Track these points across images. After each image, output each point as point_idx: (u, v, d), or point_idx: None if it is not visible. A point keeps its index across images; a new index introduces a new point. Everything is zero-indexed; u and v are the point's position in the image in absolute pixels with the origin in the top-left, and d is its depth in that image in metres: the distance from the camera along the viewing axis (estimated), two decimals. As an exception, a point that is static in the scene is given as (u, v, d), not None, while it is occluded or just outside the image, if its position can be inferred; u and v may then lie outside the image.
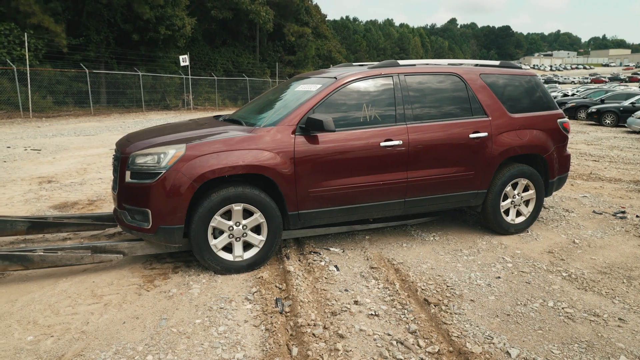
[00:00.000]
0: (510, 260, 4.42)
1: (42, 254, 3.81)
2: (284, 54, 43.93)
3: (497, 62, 5.41)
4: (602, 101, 21.95)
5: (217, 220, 3.87)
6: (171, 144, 3.87)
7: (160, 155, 3.78)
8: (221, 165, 3.77)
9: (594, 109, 20.22)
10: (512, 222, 5.09)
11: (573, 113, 22.61)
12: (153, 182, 3.73)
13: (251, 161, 3.86)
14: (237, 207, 3.89)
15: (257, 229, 4.08)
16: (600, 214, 6.00)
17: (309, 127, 4.02)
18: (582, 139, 14.92)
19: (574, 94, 30.61)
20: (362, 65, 5.05)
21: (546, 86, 5.45)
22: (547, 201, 6.48)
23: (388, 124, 4.39)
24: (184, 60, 27.48)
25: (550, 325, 3.27)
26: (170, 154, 3.76)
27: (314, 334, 3.07)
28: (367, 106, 4.37)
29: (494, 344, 3.02)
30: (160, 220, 3.76)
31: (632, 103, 19.31)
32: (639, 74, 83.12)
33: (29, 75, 20.35)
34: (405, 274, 4.07)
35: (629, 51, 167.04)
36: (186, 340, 3.02)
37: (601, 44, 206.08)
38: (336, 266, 4.21)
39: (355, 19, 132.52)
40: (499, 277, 4.03)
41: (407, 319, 3.31)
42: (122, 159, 3.94)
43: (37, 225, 4.71)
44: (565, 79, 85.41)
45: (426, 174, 4.51)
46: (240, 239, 4.00)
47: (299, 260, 4.36)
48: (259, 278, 3.94)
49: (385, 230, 5.25)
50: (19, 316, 3.29)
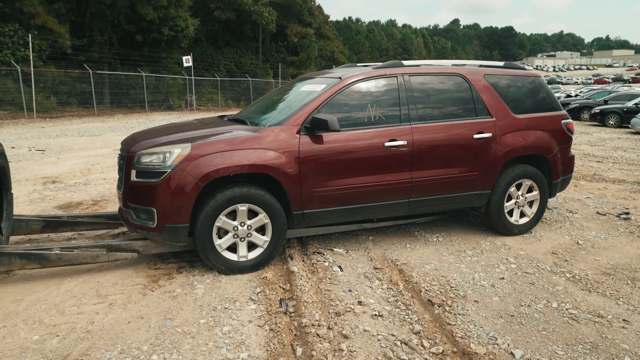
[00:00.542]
0: (514, 261, 4.42)
1: (58, 252, 3.84)
2: (286, 54, 43.98)
3: (501, 63, 5.41)
4: (606, 102, 21.90)
5: (222, 220, 3.88)
6: (176, 143, 3.89)
7: (166, 154, 3.80)
8: (226, 165, 3.79)
9: (597, 109, 20.17)
10: (516, 223, 5.08)
11: (576, 114, 22.56)
12: (158, 181, 3.75)
13: (256, 160, 3.87)
14: (242, 208, 3.91)
15: (261, 230, 4.09)
16: (604, 215, 5.99)
17: (314, 127, 4.03)
18: (585, 139, 14.89)
19: (577, 95, 30.56)
20: (366, 65, 5.06)
21: (549, 87, 5.45)
22: (551, 202, 6.48)
23: (392, 124, 4.40)
24: (187, 61, 27.55)
25: (555, 326, 3.27)
26: (176, 153, 3.78)
27: (318, 334, 3.08)
28: (372, 106, 4.38)
29: (498, 344, 3.02)
30: (165, 219, 3.78)
31: (635, 104, 19.24)
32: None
33: (33, 76, 20.42)
34: (409, 275, 4.07)
35: (632, 52, 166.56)
36: (191, 340, 3.03)
37: (604, 44, 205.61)
38: (340, 267, 4.21)
39: (357, 20, 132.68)
40: (502, 278, 4.03)
41: (411, 319, 3.31)
42: (128, 158, 3.95)
43: (51, 224, 4.74)
44: (568, 79, 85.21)
45: (430, 174, 4.52)
46: (244, 239, 4.01)
47: (303, 261, 4.37)
48: (263, 278, 3.95)
49: (388, 231, 5.25)
50: (24, 315, 3.30)
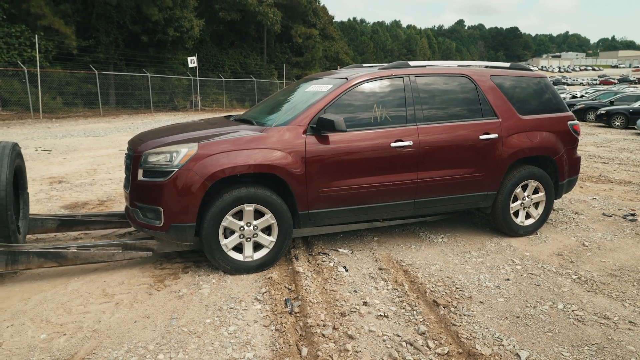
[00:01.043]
0: (520, 262, 4.41)
1: (75, 251, 3.88)
2: (291, 55, 44.03)
3: (507, 64, 5.41)
4: (612, 103, 21.80)
5: (228, 220, 3.90)
6: (183, 142, 3.91)
7: (173, 153, 3.81)
8: (233, 164, 3.80)
9: (603, 110, 20.09)
10: (522, 224, 5.07)
11: (582, 115, 22.47)
12: (165, 181, 3.77)
13: (262, 160, 3.88)
14: (249, 208, 3.92)
15: (267, 230, 4.10)
16: (610, 216, 5.97)
17: (320, 127, 4.05)
18: (591, 140, 14.83)
19: (582, 96, 30.45)
20: (372, 66, 5.07)
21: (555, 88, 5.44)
22: (556, 203, 6.46)
23: (398, 125, 4.41)
24: (192, 61, 27.64)
25: (560, 327, 3.27)
26: (183, 152, 3.80)
27: (323, 335, 3.08)
28: (378, 107, 4.39)
29: (503, 345, 3.02)
30: (172, 219, 3.80)
31: (642, 105, 19.15)
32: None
33: (39, 76, 20.55)
34: (414, 276, 4.07)
35: (638, 52, 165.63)
36: (197, 339, 3.04)
37: (610, 45, 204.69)
38: (345, 267, 4.22)
39: (362, 21, 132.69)
40: (508, 279, 4.02)
41: (416, 320, 3.31)
42: (135, 157, 3.97)
43: (67, 223, 4.80)
44: (573, 80, 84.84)
45: (436, 174, 4.52)
46: (250, 239, 4.02)
47: (308, 261, 4.38)
48: (269, 278, 3.97)
49: (393, 231, 5.26)
50: (32, 314, 3.33)
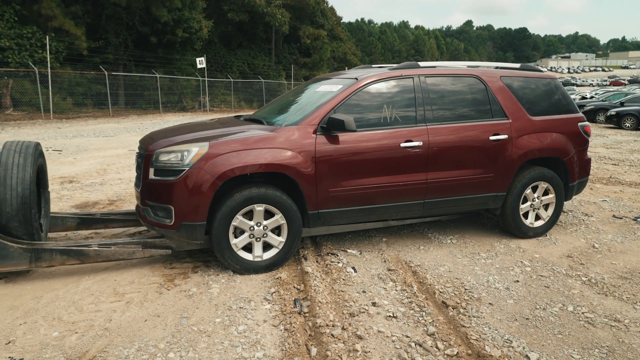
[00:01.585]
0: (529, 264, 4.39)
1: (96, 248, 3.95)
2: (299, 56, 44.09)
3: (517, 65, 5.39)
4: (622, 104, 21.62)
5: (238, 220, 3.92)
6: (194, 142, 3.93)
7: (184, 152, 3.84)
8: (243, 164, 3.82)
9: (613, 111, 19.91)
10: (531, 226, 5.05)
11: (591, 116, 22.29)
12: (176, 180, 3.80)
13: (272, 160, 3.90)
14: (259, 208, 3.94)
15: (277, 230, 4.12)
16: (621, 218, 5.92)
17: (330, 127, 4.06)
18: (601, 142, 14.72)
19: (592, 97, 30.23)
20: (382, 67, 5.08)
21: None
22: (566, 205, 6.42)
23: (408, 125, 4.41)
24: (200, 62, 27.76)
25: (570, 329, 3.25)
26: (194, 151, 3.82)
27: (332, 335, 3.09)
28: (388, 107, 4.40)
29: (513, 347, 3.01)
30: (182, 217, 3.82)
31: (652, 106, 18.98)
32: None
33: (50, 77, 20.73)
34: (422, 277, 4.07)
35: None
36: (207, 338, 3.06)
37: (621, 45, 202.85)
38: (354, 268, 4.22)
39: (370, 21, 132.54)
40: (517, 281, 4.01)
41: (425, 321, 3.31)
42: (146, 156, 4.01)
43: (86, 221, 4.88)
44: (583, 81, 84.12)
45: (446, 175, 4.52)
46: (260, 239, 4.04)
47: (317, 262, 4.39)
48: (278, 278, 3.98)
49: (402, 232, 5.25)
50: (44, 312, 3.37)
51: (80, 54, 23.71)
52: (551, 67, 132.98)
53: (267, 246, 4.12)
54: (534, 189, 5.01)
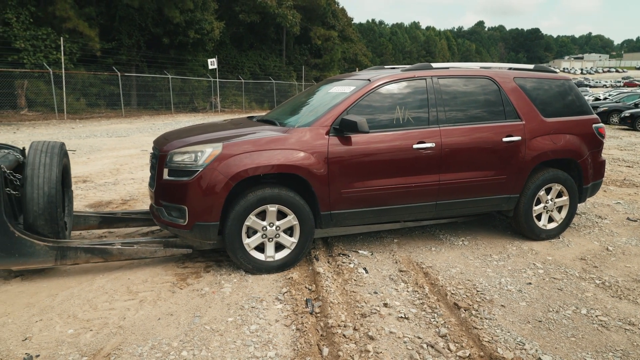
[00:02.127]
0: (542, 266, 4.36)
1: (120, 247, 4.02)
2: (310, 57, 44.12)
3: (531, 66, 5.36)
4: (636, 105, 21.37)
5: (251, 220, 3.94)
6: (208, 142, 3.96)
7: (198, 153, 3.87)
8: (256, 164, 3.85)
9: (627, 113, 19.68)
10: (544, 228, 5.02)
11: (605, 118, 22.04)
12: (190, 180, 3.83)
13: (285, 161, 3.92)
14: (272, 208, 3.96)
15: (289, 231, 4.14)
16: (635, 221, 5.86)
17: (343, 128, 4.07)
18: (615, 144, 14.56)
19: (605, 98, 29.89)
20: (394, 68, 5.08)
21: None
22: (580, 207, 6.37)
23: (421, 126, 4.41)
24: (212, 63, 27.90)
25: (584, 332, 3.23)
26: (207, 152, 3.85)
27: (344, 335, 3.10)
28: (400, 108, 4.40)
29: (525, 350, 2.99)
30: (196, 217, 3.85)
31: (668, 108, 18.72)
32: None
33: (64, 78, 20.99)
34: (434, 278, 4.06)
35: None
36: (219, 337, 3.08)
37: (635, 46, 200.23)
38: (365, 268, 4.23)
39: (381, 22, 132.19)
40: (530, 283, 3.99)
41: (437, 322, 3.31)
42: (160, 156, 4.05)
43: (107, 220, 4.97)
44: (596, 82, 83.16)
45: (458, 177, 4.50)
46: (272, 239, 4.06)
47: (328, 262, 4.40)
48: (289, 279, 4.00)
49: (413, 233, 5.25)
50: (59, 310, 3.41)
51: (93, 55, 23.96)
52: (564, 68, 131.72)
53: (279, 246, 4.14)
54: (548, 191, 4.97)
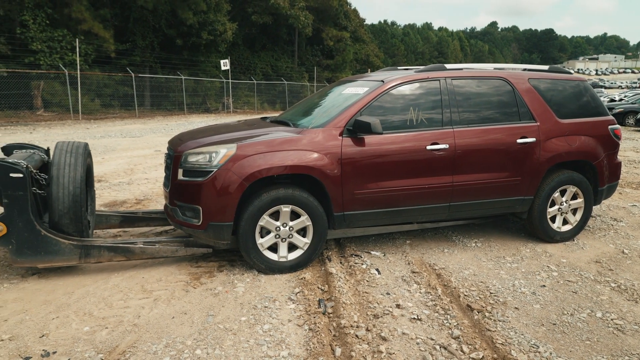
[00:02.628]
0: (556, 268, 4.33)
1: (142, 246, 4.10)
2: (322, 58, 44.17)
3: (545, 67, 5.32)
4: (653, 107, 21.03)
5: (265, 220, 3.96)
6: (222, 143, 3.99)
7: (212, 154, 3.90)
8: (270, 165, 3.87)
9: (643, 114, 19.39)
10: (559, 230, 4.97)
11: (620, 119, 21.70)
12: (204, 180, 3.86)
13: (299, 161, 3.94)
14: (286, 209, 3.98)
15: (302, 231, 4.15)
16: (652, 224, 5.78)
17: (356, 129, 4.07)
18: (630, 145, 14.36)
19: (621, 99, 29.46)
20: (408, 69, 5.07)
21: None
22: (595, 209, 6.29)
23: (434, 128, 4.40)
24: (224, 64, 28.05)
25: (599, 336, 3.20)
26: (222, 153, 3.88)
27: (357, 336, 3.10)
28: (414, 109, 4.39)
29: (539, 352, 2.97)
30: (210, 217, 3.89)
31: (685, 109, 18.40)
32: (692, 78, 79.12)
33: (79, 79, 21.26)
34: (447, 280, 4.05)
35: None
36: (232, 336, 3.11)
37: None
38: (377, 269, 4.23)
39: (393, 23, 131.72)
40: (544, 286, 3.95)
41: (450, 324, 3.30)
42: (175, 157, 4.08)
43: (129, 219, 5.06)
44: (612, 83, 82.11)
45: (472, 178, 4.48)
46: (285, 239, 4.08)
47: (341, 263, 4.41)
48: (302, 279, 4.01)
49: (425, 235, 5.23)
50: (75, 307, 3.46)
51: (108, 56, 24.24)
52: (578, 69, 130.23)
53: (292, 247, 4.16)
54: (562, 193, 4.93)
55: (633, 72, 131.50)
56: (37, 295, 3.66)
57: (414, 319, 3.36)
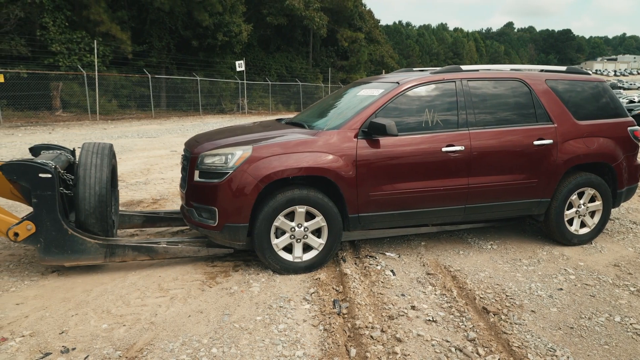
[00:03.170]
0: (573, 272, 4.28)
1: (165, 246, 4.17)
2: (336, 59, 44.16)
3: (563, 68, 5.26)
4: (673, 108, 20.62)
5: (280, 220, 3.99)
6: (238, 145, 4.03)
7: (228, 155, 3.94)
8: (285, 167, 3.89)
9: (664, 116, 19.03)
10: (576, 233, 4.91)
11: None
12: (220, 182, 3.90)
13: (314, 163, 3.95)
14: (301, 209, 4.00)
15: (317, 232, 4.17)
16: (672, 227, 5.68)
17: (372, 131, 4.08)
18: (650, 148, 14.12)
19: (641, 101, 28.94)
20: (423, 70, 5.06)
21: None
22: (613, 212, 6.20)
23: (450, 129, 4.38)
24: (239, 65, 28.21)
25: (618, 340, 3.16)
26: (238, 154, 3.92)
27: (371, 337, 3.10)
28: (429, 111, 4.38)
29: (556, 356, 2.95)
30: (226, 219, 3.92)
31: None
32: None
33: (97, 80, 21.57)
34: (462, 282, 4.03)
35: None
36: (248, 335, 3.13)
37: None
38: (392, 271, 4.22)
39: (408, 24, 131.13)
40: (561, 289, 3.91)
41: (465, 326, 3.28)
42: (192, 158, 4.13)
43: (151, 219, 5.15)
44: (630, 84, 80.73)
45: (488, 180, 4.46)
46: (300, 240, 4.10)
47: (355, 264, 4.41)
48: (317, 279, 4.02)
49: (441, 236, 5.21)
50: (94, 305, 3.52)
51: (125, 57, 24.54)
52: (596, 70, 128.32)
53: (307, 247, 4.18)
54: (580, 195, 4.87)
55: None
56: (57, 292, 3.73)
57: (429, 320, 3.35)
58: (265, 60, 37.19)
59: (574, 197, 4.82)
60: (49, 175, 3.73)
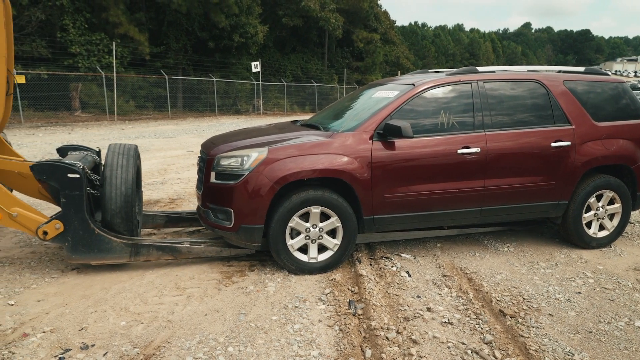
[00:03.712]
0: (592, 275, 4.22)
1: (189, 246, 4.25)
2: (352, 60, 44.12)
3: (581, 69, 5.20)
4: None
5: (295, 221, 4.01)
6: (254, 147, 4.06)
7: (244, 157, 3.97)
8: (300, 169, 3.91)
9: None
10: (594, 236, 4.85)
11: (662, 122, 20.94)
12: (236, 183, 3.93)
13: (329, 165, 3.96)
14: (315, 210, 4.01)
15: (332, 233, 4.18)
16: (694, 231, 5.57)
17: (387, 133, 4.08)
18: (672, 150, 13.85)
19: (663, 102, 28.40)
20: (439, 71, 5.04)
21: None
22: (633, 215, 6.11)
23: (466, 131, 4.36)
24: (255, 66, 28.35)
25: (638, 345, 3.11)
26: (253, 156, 3.95)
27: (387, 338, 3.11)
28: (445, 113, 4.36)
29: (575, 360, 2.91)
30: (241, 220, 3.95)
31: None
32: None
33: (115, 81, 21.85)
34: (478, 284, 4.00)
35: None
36: (264, 335, 3.15)
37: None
38: (408, 272, 4.21)
39: (424, 25, 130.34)
40: (579, 293, 3.87)
41: (481, 329, 3.26)
42: (208, 160, 4.17)
43: (173, 219, 5.24)
44: (652, 85, 79.16)
45: (504, 182, 4.42)
46: (315, 241, 4.11)
47: (371, 265, 4.41)
48: (332, 280, 4.03)
49: (457, 239, 5.18)
50: (112, 302, 3.58)
51: (143, 58, 24.85)
52: (616, 71, 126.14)
53: (322, 248, 4.19)
54: (599, 198, 4.81)
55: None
56: (76, 289, 3.80)
57: (445, 322, 3.34)
58: (281, 62, 37.32)
59: (592, 199, 4.76)
60: (77, 176, 3.82)
